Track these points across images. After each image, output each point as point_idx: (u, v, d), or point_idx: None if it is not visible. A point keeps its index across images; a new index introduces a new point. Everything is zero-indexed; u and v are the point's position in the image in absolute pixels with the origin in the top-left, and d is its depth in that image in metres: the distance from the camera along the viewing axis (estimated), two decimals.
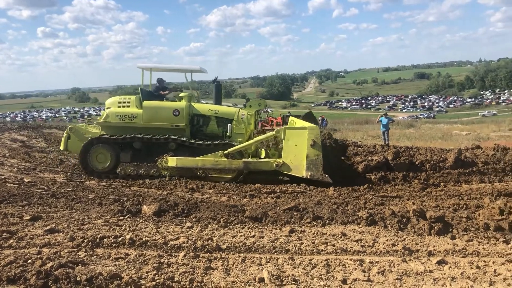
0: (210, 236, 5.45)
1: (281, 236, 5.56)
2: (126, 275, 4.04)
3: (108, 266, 4.32)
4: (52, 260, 4.27)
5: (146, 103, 10.57)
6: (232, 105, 17.01)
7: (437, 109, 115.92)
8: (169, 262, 4.50)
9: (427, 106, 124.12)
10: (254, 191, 8.70)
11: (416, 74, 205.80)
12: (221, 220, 6.17)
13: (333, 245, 5.18)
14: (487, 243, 5.45)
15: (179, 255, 4.71)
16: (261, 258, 4.75)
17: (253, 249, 5.05)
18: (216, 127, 10.87)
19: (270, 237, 5.51)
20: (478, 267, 4.59)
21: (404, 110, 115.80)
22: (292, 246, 5.15)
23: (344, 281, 4.17)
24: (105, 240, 5.09)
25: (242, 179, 9.78)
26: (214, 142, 10.15)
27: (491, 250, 5.15)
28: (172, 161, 9.74)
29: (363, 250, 5.07)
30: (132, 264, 4.44)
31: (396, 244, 5.23)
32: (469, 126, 36.25)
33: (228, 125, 10.68)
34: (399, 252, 4.99)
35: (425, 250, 5.06)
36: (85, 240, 5.01)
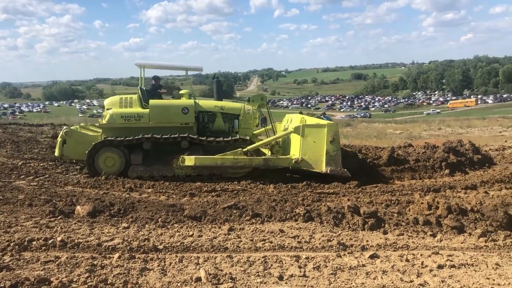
0: (147, 237, 5.33)
1: (220, 234, 5.55)
2: (56, 279, 3.87)
3: (36, 270, 4.11)
4: None
5: (152, 101, 10.17)
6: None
7: (387, 107, 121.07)
8: (102, 264, 4.36)
9: (363, 106, 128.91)
10: (195, 189, 8.61)
11: (353, 75, 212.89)
12: (159, 219, 6.06)
13: (271, 242, 5.25)
14: (416, 236, 5.73)
15: (113, 257, 4.57)
16: (198, 258, 4.71)
17: (191, 248, 5.00)
18: (222, 123, 10.68)
19: (209, 236, 5.48)
20: (407, 260, 4.82)
21: (342, 110, 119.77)
22: (230, 244, 5.15)
23: (280, 278, 4.23)
24: (34, 243, 4.84)
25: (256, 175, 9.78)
26: (234, 138, 9.98)
27: (419, 244, 5.42)
28: (189, 160, 9.46)
29: (299, 246, 5.17)
30: (62, 267, 4.26)
31: (331, 239, 5.38)
32: (402, 125, 37.99)
33: (235, 120, 10.61)
34: (334, 247, 5.14)
35: (359, 245, 5.24)
36: (11, 244, 4.74)
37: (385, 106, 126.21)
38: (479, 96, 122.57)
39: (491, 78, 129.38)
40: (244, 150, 9.67)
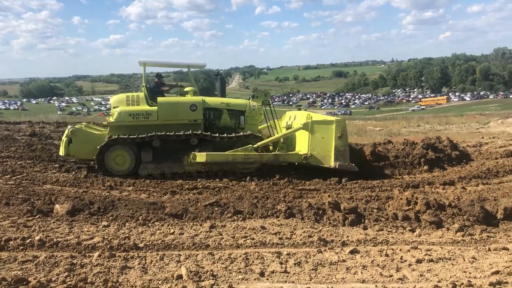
0: (127, 235, 5.30)
1: (201, 232, 5.54)
2: (34, 279, 3.81)
3: (14, 270, 4.05)
4: None
5: (161, 99, 10.13)
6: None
7: (369, 104, 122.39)
8: (82, 263, 4.32)
9: (344, 103, 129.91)
10: (176, 187, 8.56)
11: (334, 73, 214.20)
12: (140, 218, 6.01)
13: (253, 239, 5.26)
14: (396, 232, 5.82)
15: (93, 255, 4.53)
16: (180, 255, 4.70)
17: (172, 246, 4.98)
18: (229, 120, 10.73)
19: (190, 233, 5.47)
20: (387, 255, 4.89)
21: (323, 107, 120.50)
22: (212, 241, 5.15)
23: (261, 274, 4.25)
24: (11, 242, 4.77)
25: (265, 170, 9.98)
26: (245, 134, 10.08)
27: (398, 239, 5.50)
28: (201, 157, 9.50)
29: (281, 242, 5.19)
30: (41, 267, 4.20)
31: (312, 235, 5.42)
32: (382, 122, 38.36)
33: (241, 116, 10.70)
34: (314, 243, 5.18)
35: (339, 241, 5.30)
36: None
37: (365, 103, 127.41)
38: (457, 94, 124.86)
39: (468, 76, 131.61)
40: (254, 146, 9.79)
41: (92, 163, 10.14)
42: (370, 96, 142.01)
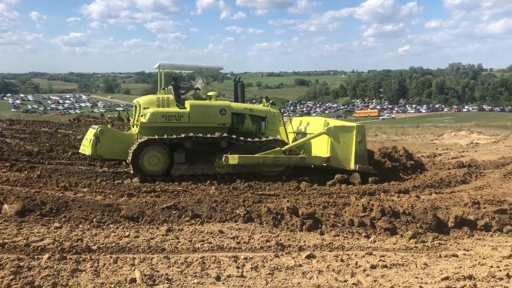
0: (80, 237, 5.13)
1: (157, 235, 5.44)
2: None
3: None
4: None
5: (192, 102, 10.46)
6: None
7: (334, 112, 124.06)
8: (30, 266, 4.13)
9: (305, 111, 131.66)
10: (133, 190, 8.39)
11: (296, 81, 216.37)
12: (94, 219, 5.84)
13: (210, 243, 5.21)
14: (351, 237, 5.92)
15: (42, 258, 4.35)
16: (134, 258, 4.59)
17: (127, 249, 4.86)
18: (251, 125, 11.09)
19: (146, 236, 5.36)
20: (342, 260, 4.95)
21: (285, 114, 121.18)
22: (168, 245, 5.06)
23: (218, 278, 4.21)
24: None
25: (290, 172, 10.51)
26: (275, 138, 10.57)
27: (354, 244, 5.60)
28: (233, 159, 9.79)
29: (238, 246, 5.17)
30: None
31: (270, 240, 5.43)
32: None
33: (262, 122, 11.17)
34: (272, 247, 5.19)
35: (296, 245, 5.33)
36: None
37: (325, 112, 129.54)
38: (413, 106, 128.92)
39: (425, 89, 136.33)
40: (282, 149, 10.25)
41: (124, 163, 10.37)
42: (330, 105, 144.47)
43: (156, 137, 9.65)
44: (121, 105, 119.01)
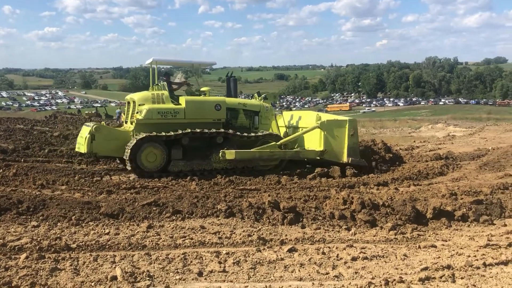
0: (58, 235, 5.05)
1: (138, 232, 5.39)
2: None
3: None
4: None
5: (187, 98, 10.41)
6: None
7: (314, 106, 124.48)
8: (7, 266, 4.05)
9: (285, 105, 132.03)
10: (112, 187, 8.29)
11: (276, 75, 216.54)
12: (73, 217, 5.76)
13: (191, 239, 5.19)
14: (332, 230, 5.97)
15: (20, 257, 4.27)
16: (115, 256, 4.54)
17: (107, 246, 4.80)
18: (244, 119, 11.10)
19: (126, 233, 5.31)
20: (323, 253, 4.99)
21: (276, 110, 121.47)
22: (149, 241, 5.02)
23: (200, 274, 4.19)
24: None
25: (284, 166, 10.67)
26: (270, 133, 10.72)
27: (335, 237, 5.64)
28: (230, 154, 9.82)
29: (220, 242, 5.16)
30: None
31: (252, 234, 5.43)
32: None
33: (255, 117, 11.18)
34: (254, 242, 5.19)
35: (278, 239, 5.35)
36: None
37: (305, 106, 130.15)
38: (391, 99, 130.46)
39: (402, 83, 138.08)
40: (278, 143, 10.34)
41: (118, 160, 10.32)
42: (310, 99, 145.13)
43: (163, 133, 9.66)
44: (99, 101, 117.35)
